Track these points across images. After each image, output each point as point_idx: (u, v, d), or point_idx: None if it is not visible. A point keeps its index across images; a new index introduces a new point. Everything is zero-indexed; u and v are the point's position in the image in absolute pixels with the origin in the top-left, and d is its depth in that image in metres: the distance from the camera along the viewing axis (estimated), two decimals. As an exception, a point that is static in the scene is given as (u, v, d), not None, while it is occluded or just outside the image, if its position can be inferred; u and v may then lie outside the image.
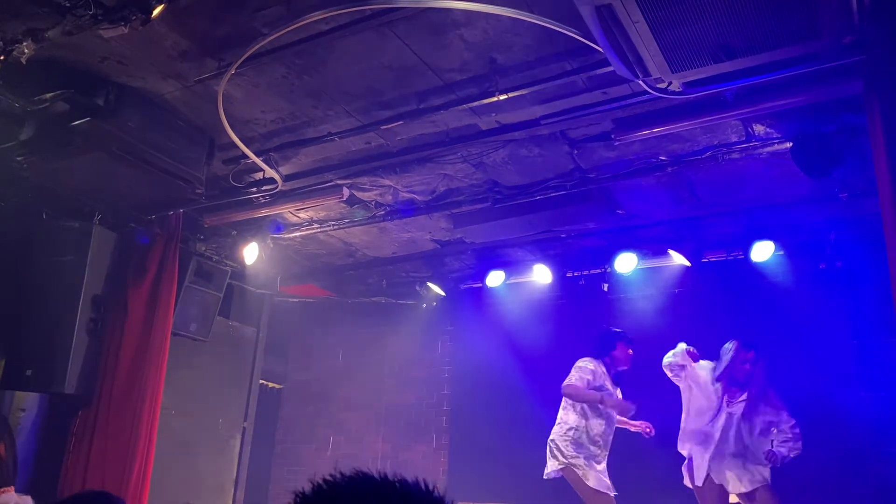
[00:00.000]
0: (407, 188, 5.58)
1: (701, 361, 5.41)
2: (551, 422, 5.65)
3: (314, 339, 8.16)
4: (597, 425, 5.45)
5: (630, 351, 5.61)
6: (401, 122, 4.63)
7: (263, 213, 5.82)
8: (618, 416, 5.57)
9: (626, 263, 6.16)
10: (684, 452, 5.47)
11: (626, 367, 5.63)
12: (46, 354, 5.32)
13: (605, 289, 6.47)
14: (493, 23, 3.71)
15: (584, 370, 5.49)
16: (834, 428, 5.41)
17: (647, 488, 5.83)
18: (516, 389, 6.77)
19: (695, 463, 5.37)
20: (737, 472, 5.22)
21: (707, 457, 5.28)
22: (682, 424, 5.49)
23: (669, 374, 5.45)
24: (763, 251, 5.63)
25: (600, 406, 5.42)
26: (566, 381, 5.47)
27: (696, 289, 6.29)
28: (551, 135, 4.77)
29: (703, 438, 5.34)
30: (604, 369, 5.55)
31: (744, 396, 5.29)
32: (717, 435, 5.27)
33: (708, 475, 5.26)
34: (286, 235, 6.44)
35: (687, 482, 5.43)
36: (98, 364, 5.60)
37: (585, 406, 5.46)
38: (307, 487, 0.92)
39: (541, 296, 6.89)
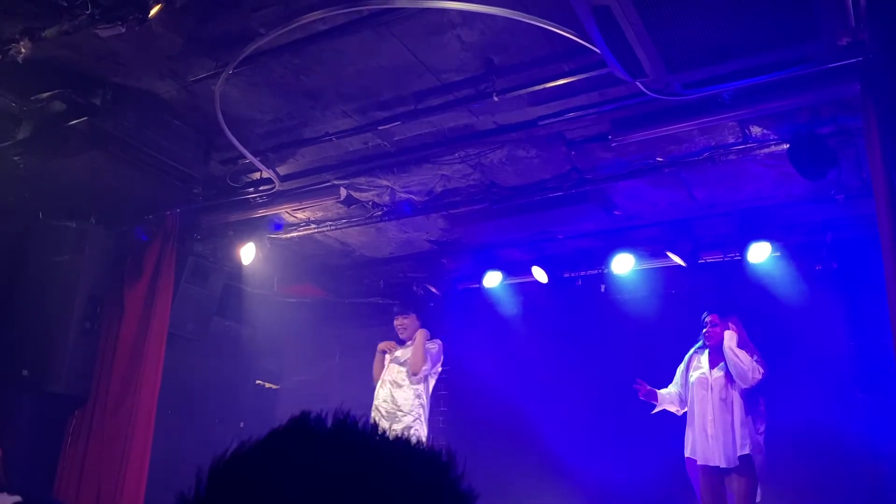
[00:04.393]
0: (404, 189, 5.58)
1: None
2: (548, 421, 5.65)
3: (311, 339, 8.15)
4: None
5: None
6: (398, 123, 4.62)
7: (261, 213, 5.81)
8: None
9: (623, 264, 6.16)
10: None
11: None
12: (42, 354, 5.31)
13: (603, 290, 6.47)
14: (489, 23, 3.71)
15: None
16: (830, 428, 5.42)
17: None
18: (513, 390, 6.76)
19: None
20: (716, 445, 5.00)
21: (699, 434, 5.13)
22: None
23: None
24: (759, 252, 5.64)
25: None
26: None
27: (693, 290, 6.30)
28: (548, 136, 4.77)
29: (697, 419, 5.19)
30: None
31: (722, 363, 5.12)
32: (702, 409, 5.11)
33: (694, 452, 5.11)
34: (283, 236, 6.44)
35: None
36: (94, 364, 5.59)
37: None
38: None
39: (538, 296, 6.89)
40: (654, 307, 6.39)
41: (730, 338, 5.07)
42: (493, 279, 6.76)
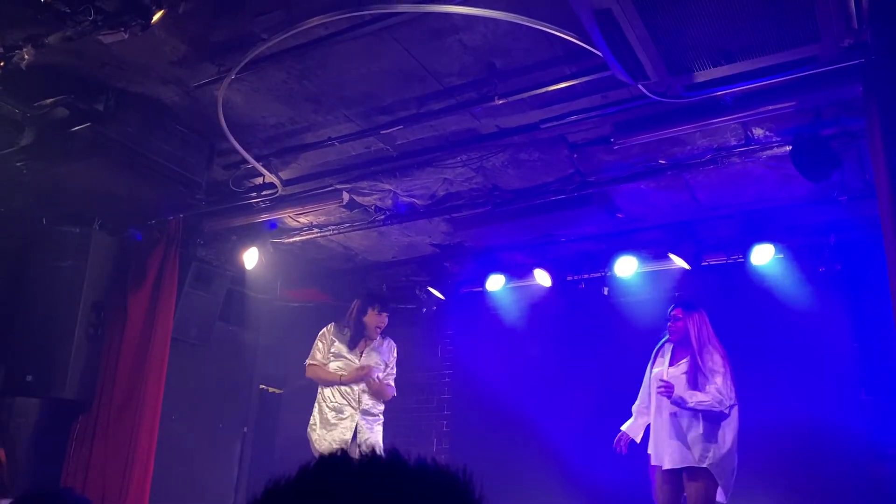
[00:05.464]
0: (407, 192, 5.58)
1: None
2: (552, 425, 5.64)
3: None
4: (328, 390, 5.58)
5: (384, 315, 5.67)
6: (400, 127, 4.63)
7: (263, 217, 5.82)
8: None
9: (626, 267, 6.16)
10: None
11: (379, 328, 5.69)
12: (46, 360, 5.32)
13: (606, 292, 6.47)
14: (491, 27, 3.72)
15: (314, 345, 5.71)
16: (834, 430, 5.41)
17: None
18: (516, 393, 6.76)
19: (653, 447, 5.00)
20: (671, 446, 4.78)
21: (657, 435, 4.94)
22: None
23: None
24: (762, 254, 5.63)
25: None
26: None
27: (696, 292, 6.28)
28: (551, 139, 4.77)
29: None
30: (348, 332, 5.66)
31: (684, 360, 4.91)
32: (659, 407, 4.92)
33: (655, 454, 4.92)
34: (286, 240, 6.45)
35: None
36: (98, 369, 5.60)
37: None
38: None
39: (541, 300, 6.89)
40: (657, 310, 6.36)
41: (681, 399, 4.69)
42: (495, 282, 6.76)
